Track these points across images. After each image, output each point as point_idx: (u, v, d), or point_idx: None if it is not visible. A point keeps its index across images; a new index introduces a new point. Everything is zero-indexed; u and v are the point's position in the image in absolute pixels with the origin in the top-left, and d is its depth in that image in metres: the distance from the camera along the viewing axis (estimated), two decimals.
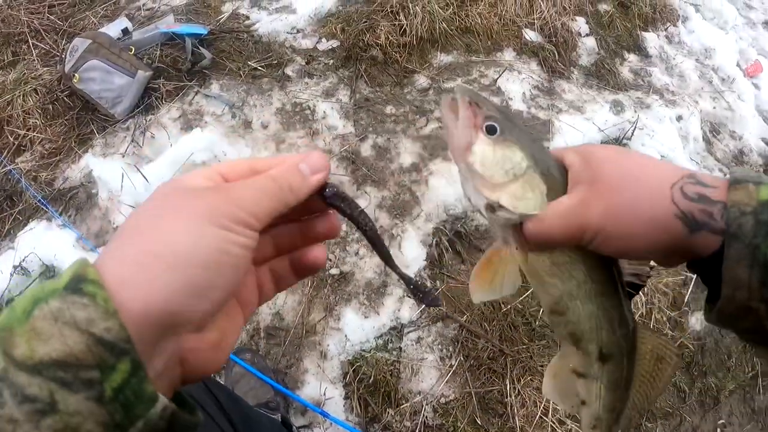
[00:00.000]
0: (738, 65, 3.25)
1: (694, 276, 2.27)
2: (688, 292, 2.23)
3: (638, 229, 0.48)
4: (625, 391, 0.62)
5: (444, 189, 2.02)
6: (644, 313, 2.09)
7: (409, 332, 1.84)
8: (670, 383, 2.14)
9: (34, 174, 2.20)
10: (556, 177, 0.53)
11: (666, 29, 3.14)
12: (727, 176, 0.46)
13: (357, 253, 1.91)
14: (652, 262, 0.57)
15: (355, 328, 1.81)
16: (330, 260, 1.90)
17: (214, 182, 0.41)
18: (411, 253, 1.91)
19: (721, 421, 2.07)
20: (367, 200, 2.00)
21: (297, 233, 0.48)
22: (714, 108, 2.92)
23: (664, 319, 2.10)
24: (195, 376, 0.39)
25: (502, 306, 1.92)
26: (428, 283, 1.90)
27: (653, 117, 2.60)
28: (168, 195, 0.39)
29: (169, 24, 2.51)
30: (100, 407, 0.29)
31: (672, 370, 0.62)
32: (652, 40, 3.03)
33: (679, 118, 2.71)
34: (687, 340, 2.09)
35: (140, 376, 0.31)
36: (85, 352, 0.29)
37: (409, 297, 1.82)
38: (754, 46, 3.53)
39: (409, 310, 1.86)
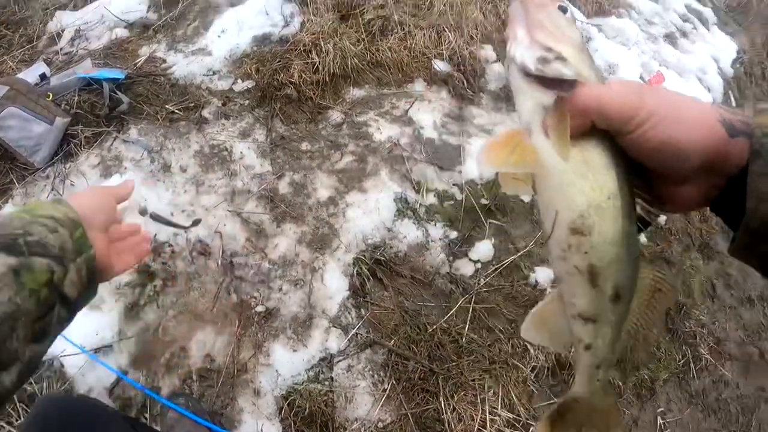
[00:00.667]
0: (641, 77, 3.46)
1: None
2: None
3: (688, 118, 0.49)
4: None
5: (361, 219, 2.09)
6: None
7: (339, 361, 1.88)
8: (663, 317, 2.20)
9: None
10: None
11: None
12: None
13: (281, 289, 1.95)
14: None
15: (285, 362, 1.83)
16: (254, 298, 1.93)
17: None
18: (333, 285, 1.97)
19: (660, 409, 2.17)
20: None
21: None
22: None
23: None
24: (101, 264, 0.77)
25: (428, 327, 1.99)
26: (353, 312, 1.96)
27: None
28: (89, 190, 0.91)
29: (86, 69, 2.49)
30: (71, 240, 0.69)
31: (668, 302, 0.59)
32: None
33: None
34: None
35: (85, 236, 0.71)
36: (66, 220, 0.70)
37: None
38: (656, 59, 3.77)
39: (336, 340, 1.90)
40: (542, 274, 2.23)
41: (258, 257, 2.01)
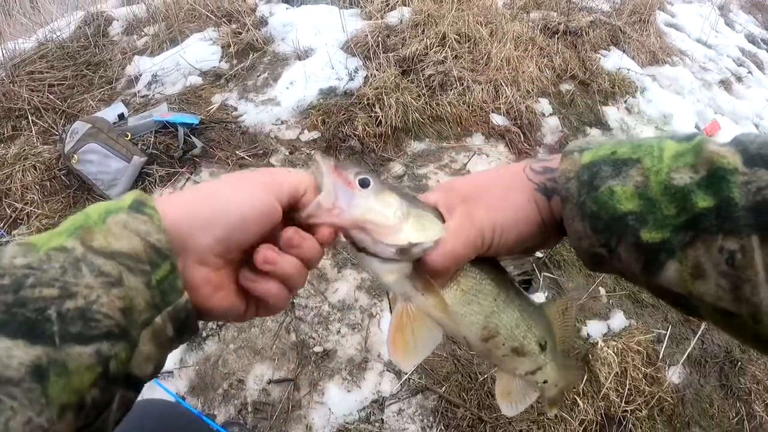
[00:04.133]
0: (696, 126, 3.42)
1: (667, 331, 2.39)
2: (663, 348, 2.34)
3: (519, 208, 0.54)
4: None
5: None
6: (619, 372, 2.16)
7: (390, 404, 1.93)
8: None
9: None
10: (433, 211, 0.57)
11: (625, 101, 3.34)
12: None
13: (339, 332, 2.03)
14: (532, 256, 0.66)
15: (339, 402, 1.89)
16: (313, 338, 2.01)
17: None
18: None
19: None
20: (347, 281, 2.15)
21: None
22: None
23: (640, 376, 2.15)
24: (204, 305, 0.48)
25: (479, 376, 2.03)
26: None
27: None
28: (228, 178, 0.52)
29: (162, 112, 2.68)
30: (147, 289, 0.41)
31: (575, 311, 0.70)
32: (612, 113, 3.22)
33: None
34: (666, 394, 2.14)
35: (175, 274, 0.43)
36: (142, 253, 0.42)
37: None
38: (711, 106, 3.73)
39: (389, 384, 1.96)
40: (594, 327, 2.24)
41: (318, 300, 2.10)
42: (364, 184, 0.53)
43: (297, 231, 0.51)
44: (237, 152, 2.53)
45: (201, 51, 3.11)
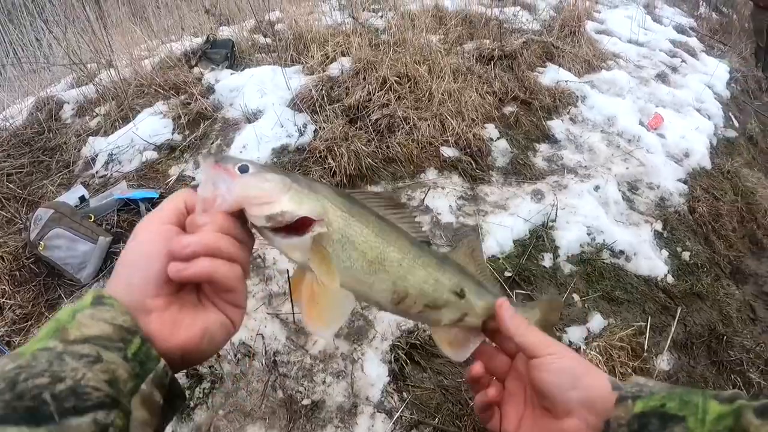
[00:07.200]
0: (641, 123, 3.56)
1: (647, 322, 2.44)
2: (646, 339, 2.41)
3: None
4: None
5: None
6: (607, 371, 2.19)
7: None
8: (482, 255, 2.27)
9: (6, 339, 2.27)
10: (324, 196, 0.59)
11: (568, 112, 3.48)
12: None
13: (324, 382, 2.06)
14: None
15: None
16: (300, 392, 2.04)
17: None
18: (374, 372, 2.08)
19: None
20: None
21: None
22: (627, 168, 3.17)
23: (629, 371, 2.21)
24: (170, 354, 0.51)
25: (470, 401, 2.07)
26: (395, 396, 2.05)
27: (572, 194, 2.84)
28: (135, 238, 0.55)
29: (123, 190, 2.71)
30: (125, 362, 0.46)
31: (479, 247, 0.74)
32: (557, 126, 3.35)
33: (597, 188, 2.95)
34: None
35: (147, 345, 0.49)
36: (113, 334, 0.47)
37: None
38: (652, 101, 3.88)
39: (382, 425, 1.98)
40: (574, 333, 2.30)
41: (299, 354, 2.13)
42: (243, 169, 0.56)
43: (195, 214, 0.55)
44: None
45: (153, 125, 3.17)
